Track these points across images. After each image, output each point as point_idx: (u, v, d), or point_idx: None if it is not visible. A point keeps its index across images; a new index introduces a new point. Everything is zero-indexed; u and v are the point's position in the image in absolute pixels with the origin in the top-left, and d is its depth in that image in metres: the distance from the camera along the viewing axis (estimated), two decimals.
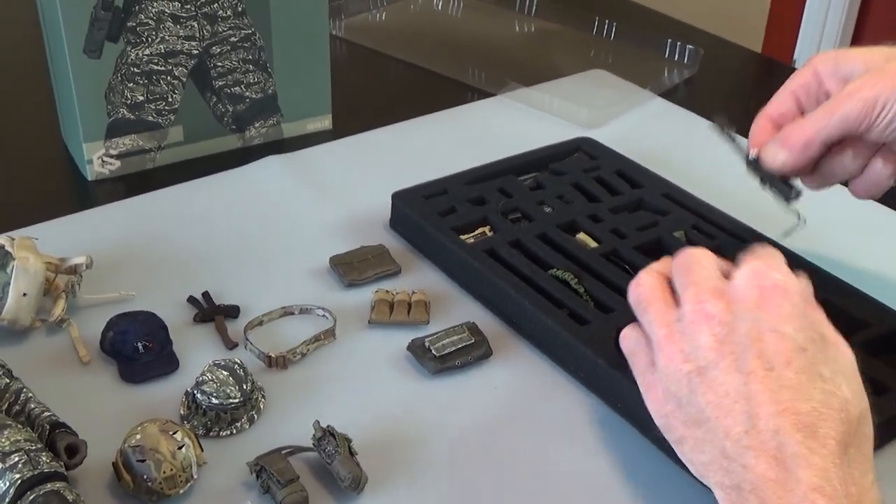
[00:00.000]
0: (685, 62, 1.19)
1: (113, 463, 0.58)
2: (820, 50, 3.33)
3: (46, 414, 0.60)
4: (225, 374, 0.63)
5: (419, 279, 0.78)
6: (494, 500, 0.60)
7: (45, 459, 0.55)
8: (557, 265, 0.75)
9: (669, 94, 1.12)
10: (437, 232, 0.79)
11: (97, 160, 0.90)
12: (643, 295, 0.57)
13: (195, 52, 0.90)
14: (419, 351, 0.69)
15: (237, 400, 0.63)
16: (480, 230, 0.81)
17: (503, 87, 1.09)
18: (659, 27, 1.30)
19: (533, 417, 0.66)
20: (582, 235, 0.80)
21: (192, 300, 0.74)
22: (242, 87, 0.94)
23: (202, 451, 0.59)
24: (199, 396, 0.63)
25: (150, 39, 0.87)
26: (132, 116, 0.90)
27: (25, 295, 0.68)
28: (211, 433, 0.63)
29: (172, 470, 0.57)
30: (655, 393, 0.55)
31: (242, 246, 0.82)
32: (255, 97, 0.95)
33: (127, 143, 0.91)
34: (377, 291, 0.74)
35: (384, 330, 0.72)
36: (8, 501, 0.53)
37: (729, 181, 0.82)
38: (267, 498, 0.58)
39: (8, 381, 0.62)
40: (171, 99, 0.91)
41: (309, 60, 0.96)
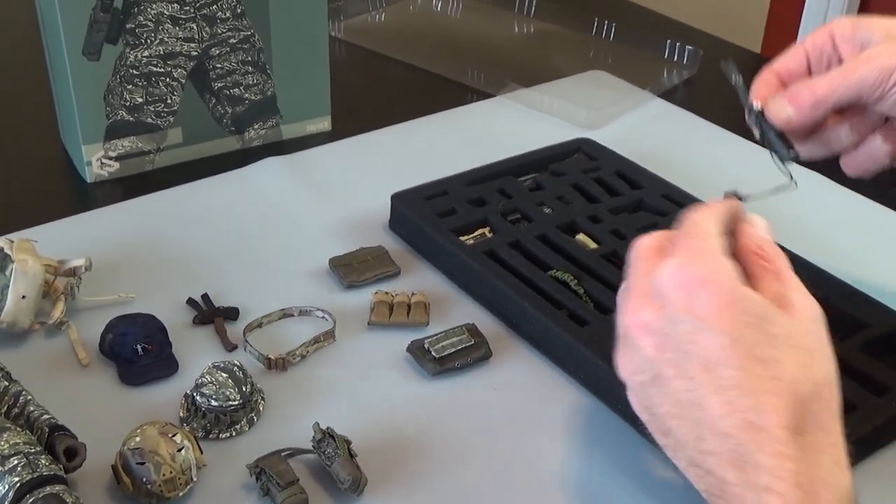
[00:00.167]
0: (684, 63, 1.19)
1: (112, 465, 0.58)
2: None
3: (45, 417, 0.60)
4: (224, 376, 0.63)
5: (419, 280, 0.78)
6: (494, 501, 0.60)
7: (44, 462, 0.55)
8: (557, 266, 0.75)
9: (669, 94, 1.12)
10: (436, 233, 0.79)
11: (96, 162, 0.90)
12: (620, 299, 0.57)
13: (194, 53, 0.90)
14: (419, 352, 0.69)
15: (237, 402, 0.63)
16: (480, 231, 0.80)
17: (503, 88, 1.09)
18: (658, 28, 1.30)
19: (533, 418, 0.66)
20: (581, 236, 0.80)
21: (191, 302, 0.74)
22: (241, 88, 0.94)
23: (202, 453, 0.59)
24: (198, 399, 0.63)
25: (148, 41, 0.87)
26: (131, 118, 0.90)
27: (24, 297, 0.68)
28: (210, 435, 0.62)
29: (172, 472, 0.56)
30: (634, 403, 0.55)
31: (242, 248, 0.82)
32: (254, 99, 0.95)
33: (126, 144, 0.91)
34: (377, 293, 0.74)
35: (384, 331, 0.72)
36: None
37: (728, 182, 0.82)
38: (267, 500, 0.58)
39: (7, 383, 0.62)
40: (170, 101, 0.91)
41: (308, 62, 0.96)
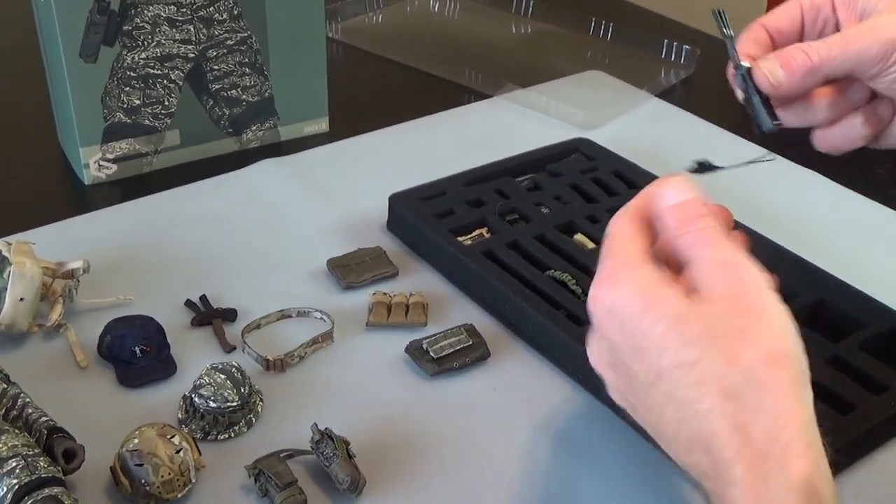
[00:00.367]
0: (682, 62, 1.19)
1: (111, 467, 0.58)
2: None
3: (44, 419, 0.60)
4: (223, 377, 0.63)
5: (417, 281, 0.78)
6: (492, 501, 0.60)
7: (42, 464, 0.55)
8: (555, 266, 0.75)
9: (666, 94, 1.12)
10: (434, 234, 0.79)
11: (94, 164, 0.90)
12: None
13: (191, 55, 0.90)
14: (417, 353, 0.69)
15: (235, 403, 0.62)
16: (478, 232, 0.80)
17: (500, 88, 1.09)
18: (655, 28, 1.30)
19: (531, 419, 0.66)
20: (579, 236, 0.80)
21: (189, 304, 0.74)
22: (239, 90, 0.94)
23: (200, 454, 0.59)
24: (196, 400, 0.63)
25: (146, 43, 0.87)
26: (129, 120, 0.90)
27: (22, 300, 0.68)
28: (209, 437, 0.62)
29: (170, 474, 0.56)
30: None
31: (240, 249, 0.82)
32: (251, 100, 0.95)
33: (123, 146, 0.90)
34: (375, 294, 0.74)
35: (382, 332, 0.72)
36: None
37: (725, 181, 0.82)
38: (265, 501, 0.58)
39: (5, 386, 0.62)
40: (167, 102, 0.91)
41: (305, 63, 0.96)
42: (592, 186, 0.86)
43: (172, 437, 0.58)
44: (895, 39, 0.57)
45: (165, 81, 0.90)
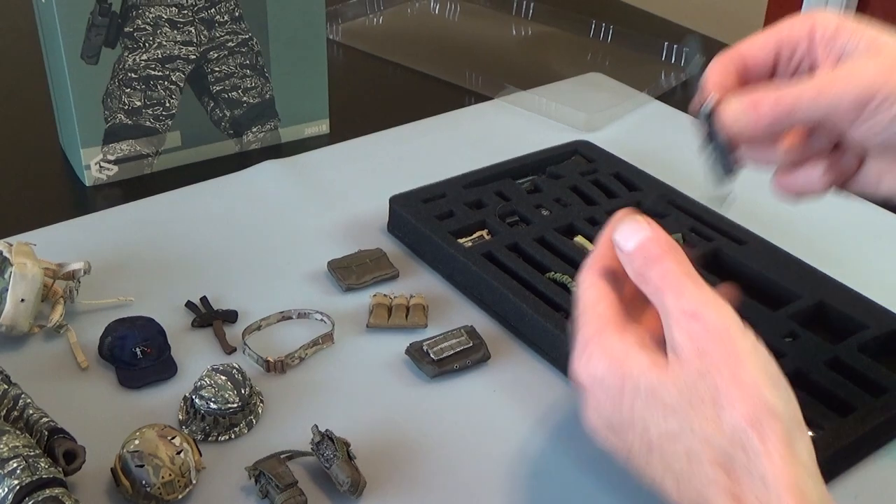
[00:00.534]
0: (682, 65, 1.19)
1: (111, 468, 0.58)
2: None
3: (45, 420, 0.60)
4: (223, 378, 0.63)
5: (417, 283, 0.78)
6: (492, 502, 0.60)
7: (43, 465, 0.55)
8: (555, 268, 0.75)
9: (667, 96, 1.13)
10: (434, 236, 0.79)
11: (95, 165, 0.90)
12: None
13: (192, 57, 0.90)
14: (417, 355, 0.69)
15: (235, 405, 0.63)
16: (478, 234, 0.81)
17: (500, 90, 1.09)
18: (655, 30, 1.30)
19: (531, 420, 0.66)
20: (580, 238, 0.80)
21: (190, 305, 0.74)
22: (240, 91, 0.94)
23: (201, 455, 0.59)
24: (197, 401, 0.63)
25: (147, 45, 0.87)
26: (130, 122, 0.90)
27: (23, 301, 0.68)
28: (209, 438, 0.63)
29: (171, 475, 0.57)
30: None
31: (240, 250, 0.82)
32: (252, 102, 0.95)
33: (124, 148, 0.91)
34: (375, 295, 0.74)
35: (382, 334, 0.72)
36: None
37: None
38: (266, 502, 0.58)
39: (6, 386, 0.62)
40: (168, 104, 0.91)
41: (306, 65, 0.96)
42: (592, 189, 0.86)
43: (173, 438, 0.58)
44: (872, 87, 0.51)
45: (166, 83, 0.90)
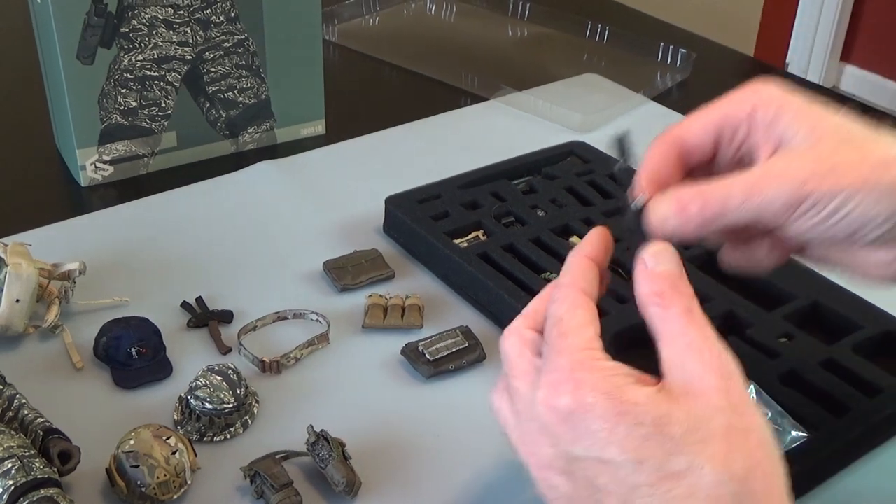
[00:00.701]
0: (678, 66, 1.19)
1: (106, 469, 0.58)
2: (812, 55, 3.34)
3: (40, 420, 0.60)
4: (219, 379, 0.63)
5: (413, 283, 0.78)
6: (488, 503, 0.60)
7: (38, 465, 0.55)
8: (551, 269, 0.75)
9: (662, 97, 1.13)
10: (430, 236, 0.79)
11: (90, 166, 0.90)
12: None
13: (188, 57, 0.90)
14: (413, 355, 0.69)
15: (231, 405, 0.63)
16: (474, 234, 0.81)
17: (496, 91, 1.09)
18: (651, 31, 1.30)
19: None
20: (575, 239, 0.80)
21: (185, 305, 0.74)
22: (236, 92, 0.94)
23: (196, 456, 0.59)
24: (192, 402, 0.63)
25: (143, 45, 0.87)
26: (125, 122, 0.90)
27: (18, 301, 0.68)
28: (205, 438, 0.62)
29: (166, 475, 0.57)
30: None
31: (236, 251, 0.82)
32: (248, 102, 0.95)
33: (120, 148, 0.91)
34: (371, 296, 0.74)
35: (378, 334, 0.72)
36: None
37: None
38: (261, 503, 0.58)
39: (1, 387, 0.62)
40: (164, 104, 0.91)
41: (302, 65, 0.96)
42: (588, 189, 0.86)
43: (168, 438, 0.58)
44: (805, 187, 0.48)
45: (162, 83, 0.90)
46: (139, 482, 0.56)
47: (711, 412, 0.43)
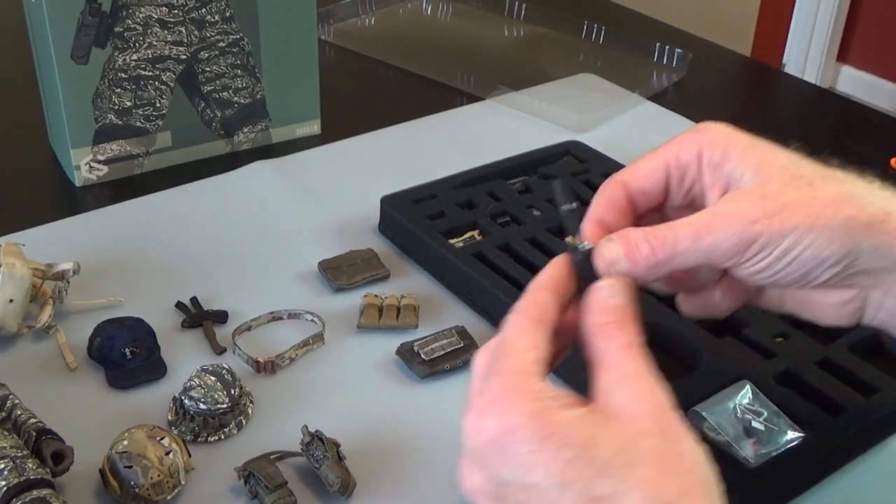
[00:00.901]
0: (674, 66, 1.19)
1: (100, 469, 0.58)
2: (808, 55, 3.34)
3: (33, 420, 0.59)
4: (213, 379, 0.63)
5: (408, 283, 0.78)
6: None
7: (31, 466, 0.55)
8: None
9: (658, 97, 1.13)
10: (426, 236, 0.79)
11: (85, 166, 0.90)
12: None
13: (183, 57, 0.90)
14: (408, 355, 0.69)
15: (225, 405, 0.62)
16: (469, 234, 0.80)
17: (492, 91, 1.09)
18: (647, 31, 1.30)
19: None
20: (570, 239, 0.80)
21: (179, 306, 0.74)
22: (231, 92, 0.94)
23: (190, 456, 0.59)
24: (186, 402, 0.63)
25: (137, 45, 0.87)
26: (120, 122, 0.89)
27: (12, 301, 0.68)
28: (199, 439, 0.62)
29: (160, 476, 0.56)
30: None
31: (231, 251, 0.81)
32: (243, 102, 0.95)
33: (115, 148, 0.90)
34: (366, 296, 0.74)
35: (373, 334, 0.72)
36: None
37: None
38: (255, 503, 0.58)
39: None
40: (158, 104, 0.91)
41: (297, 65, 0.96)
42: (584, 189, 0.86)
43: (162, 438, 0.58)
44: (752, 230, 0.48)
45: (157, 83, 0.90)
46: (133, 483, 0.56)
47: (641, 436, 0.42)
